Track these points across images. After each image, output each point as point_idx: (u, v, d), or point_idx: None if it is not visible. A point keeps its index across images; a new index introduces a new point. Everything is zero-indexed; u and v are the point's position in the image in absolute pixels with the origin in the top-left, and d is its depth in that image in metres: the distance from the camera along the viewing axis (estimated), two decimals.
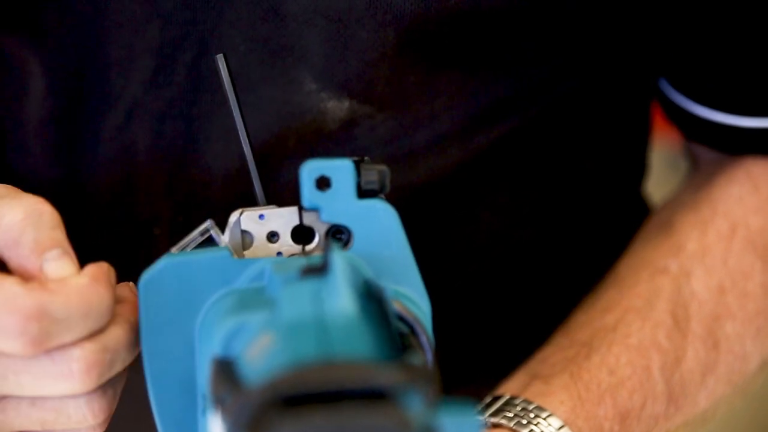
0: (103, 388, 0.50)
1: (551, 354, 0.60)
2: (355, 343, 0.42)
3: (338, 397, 0.39)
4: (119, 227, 0.64)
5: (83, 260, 0.68)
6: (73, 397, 0.49)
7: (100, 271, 0.49)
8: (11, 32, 0.63)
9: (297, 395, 0.39)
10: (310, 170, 0.50)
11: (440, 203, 0.64)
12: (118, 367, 0.50)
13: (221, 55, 0.54)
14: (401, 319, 0.49)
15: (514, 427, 0.56)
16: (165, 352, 0.51)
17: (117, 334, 0.49)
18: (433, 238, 0.65)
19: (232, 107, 0.54)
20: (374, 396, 0.39)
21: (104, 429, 0.51)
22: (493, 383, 0.61)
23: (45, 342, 0.46)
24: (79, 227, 0.65)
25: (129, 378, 0.55)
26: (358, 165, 0.51)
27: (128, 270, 0.64)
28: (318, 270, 0.46)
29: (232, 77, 0.54)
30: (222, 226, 0.53)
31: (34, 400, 0.49)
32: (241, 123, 0.54)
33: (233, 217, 0.52)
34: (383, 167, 0.52)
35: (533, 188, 0.67)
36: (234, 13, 0.59)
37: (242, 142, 0.53)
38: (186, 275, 0.50)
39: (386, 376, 0.39)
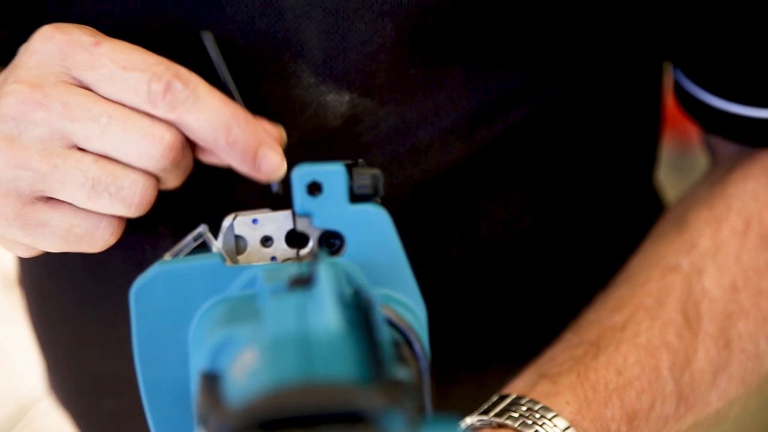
0: (156, 181, 0.53)
1: (560, 352, 0.59)
2: (337, 362, 0.41)
3: (318, 421, 0.38)
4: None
5: (89, 256, 0.68)
6: (136, 170, 0.52)
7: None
8: (11, 30, 0.62)
9: (276, 419, 0.38)
10: (301, 176, 0.50)
11: (445, 198, 0.63)
12: (181, 168, 0.53)
13: (208, 33, 0.55)
14: (395, 327, 0.48)
15: (519, 428, 0.55)
16: (159, 360, 0.51)
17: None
18: (438, 233, 0.64)
19: (226, 82, 0.55)
20: (354, 419, 0.38)
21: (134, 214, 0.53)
22: (500, 378, 0.60)
23: (174, 97, 0.51)
24: None
25: (136, 382, 0.55)
26: (350, 169, 0.50)
27: (132, 267, 0.64)
28: (305, 281, 0.45)
29: (221, 54, 0.55)
30: (214, 230, 0.52)
31: (99, 158, 0.52)
32: (238, 95, 0.54)
33: (226, 222, 0.52)
34: (376, 171, 0.51)
35: (540, 181, 0.65)
36: (232, 8, 0.58)
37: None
38: (178, 282, 0.50)
39: (366, 399, 0.38)
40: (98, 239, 0.54)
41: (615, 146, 0.69)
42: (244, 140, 0.52)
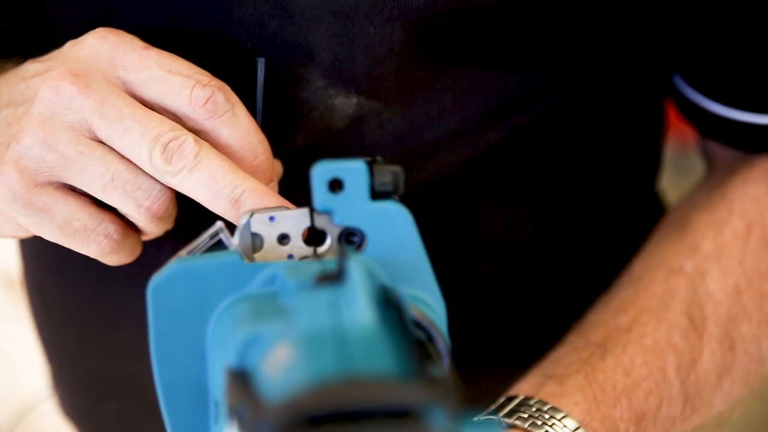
0: (173, 194, 0.53)
1: (565, 354, 0.59)
2: (376, 357, 0.41)
3: (362, 416, 0.38)
4: None
5: (92, 258, 0.67)
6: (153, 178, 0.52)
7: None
8: (20, 31, 0.62)
9: (320, 415, 0.38)
10: (322, 172, 0.49)
11: (450, 200, 0.63)
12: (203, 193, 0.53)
13: (263, 59, 0.56)
14: (418, 325, 0.48)
15: (528, 428, 0.55)
16: (176, 359, 0.50)
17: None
18: (442, 234, 0.63)
19: (257, 111, 0.56)
20: (398, 414, 0.38)
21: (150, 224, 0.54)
22: (505, 380, 0.60)
23: (214, 107, 0.52)
24: None
25: (140, 384, 0.54)
26: (371, 166, 0.50)
27: (135, 269, 0.63)
28: (333, 277, 0.45)
29: (266, 82, 0.56)
30: (230, 227, 0.52)
31: (123, 157, 0.52)
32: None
33: (243, 219, 0.51)
34: (397, 168, 0.50)
35: (544, 184, 0.66)
36: (242, 11, 0.57)
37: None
38: (196, 280, 0.49)
39: (411, 394, 0.38)
40: (92, 240, 0.54)
41: (619, 150, 0.69)
42: (264, 170, 0.54)
